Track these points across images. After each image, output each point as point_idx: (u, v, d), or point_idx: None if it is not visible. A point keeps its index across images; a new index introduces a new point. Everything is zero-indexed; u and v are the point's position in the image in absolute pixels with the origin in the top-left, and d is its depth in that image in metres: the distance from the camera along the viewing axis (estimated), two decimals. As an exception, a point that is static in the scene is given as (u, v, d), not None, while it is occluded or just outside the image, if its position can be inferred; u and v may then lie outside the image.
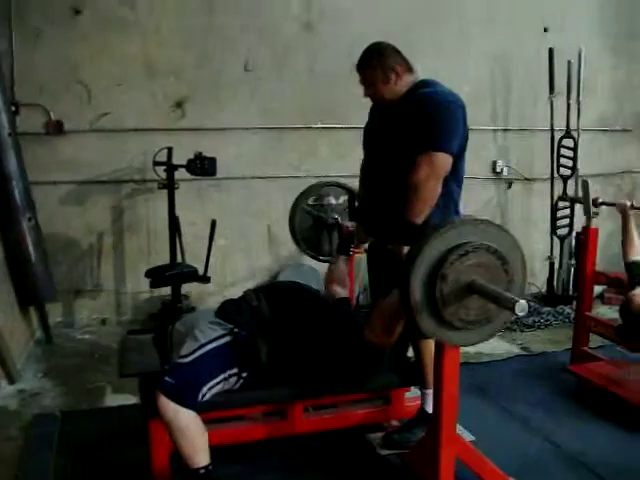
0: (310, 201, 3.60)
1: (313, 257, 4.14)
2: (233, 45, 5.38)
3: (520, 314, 2.22)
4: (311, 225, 3.59)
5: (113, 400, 3.98)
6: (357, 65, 3.17)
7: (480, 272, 2.36)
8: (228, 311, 2.86)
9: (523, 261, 2.54)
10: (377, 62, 3.08)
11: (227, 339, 2.74)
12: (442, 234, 2.34)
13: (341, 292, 3.34)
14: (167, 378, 2.61)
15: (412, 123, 2.94)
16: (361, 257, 3.60)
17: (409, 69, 3.12)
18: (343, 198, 3.62)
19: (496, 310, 2.40)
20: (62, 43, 5.04)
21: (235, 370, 2.74)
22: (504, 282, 2.41)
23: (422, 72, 5.58)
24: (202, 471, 2.59)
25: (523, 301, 2.20)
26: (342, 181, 4.41)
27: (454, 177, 3.06)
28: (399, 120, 3.04)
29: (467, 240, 2.35)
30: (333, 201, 3.60)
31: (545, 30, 6.11)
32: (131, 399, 3.89)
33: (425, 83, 3.10)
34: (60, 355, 4.78)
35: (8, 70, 4.89)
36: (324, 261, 3.75)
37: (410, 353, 3.35)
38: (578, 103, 5.82)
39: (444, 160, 2.90)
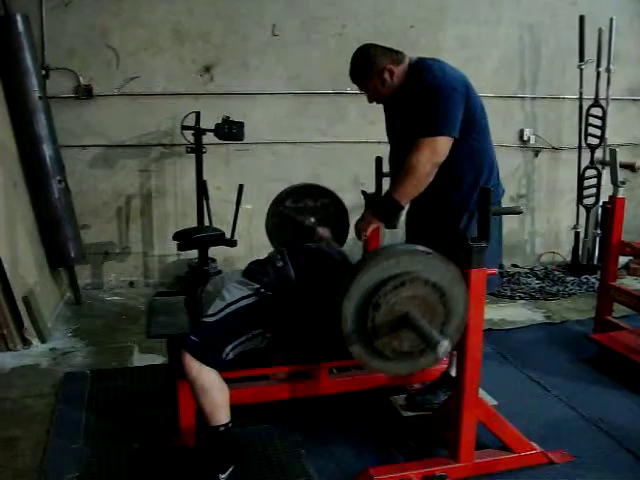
0: (288, 203, 3.55)
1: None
2: (261, 9, 5.37)
3: (441, 355, 2.21)
4: (287, 228, 3.52)
5: (141, 360, 4.05)
6: (351, 79, 3.17)
7: (417, 304, 2.32)
8: (254, 271, 2.89)
9: (466, 296, 2.45)
10: (369, 71, 3.06)
11: (253, 299, 2.78)
12: (379, 263, 2.31)
13: None
14: (192, 336, 2.66)
15: (415, 111, 2.96)
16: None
17: (398, 59, 3.06)
18: (321, 201, 3.58)
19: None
20: (91, 9, 5.07)
21: (260, 330, 2.77)
22: (441, 317, 2.38)
23: (453, 37, 5.63)
24: (222, 428, 2.64)
25: (446, 342, 2.17)
26: (370, 146, 4.41)
27: (475, 132, 3.07)
28: (405, 108, 3.07)
29: (405, 270, 2.31)
30: (310, 203, 3.56)
31: (576, -4, 6.04)
32: (158, 359, 3.98)
33: (419, 68, 3.05)
34: (89, 316, 4.87)
35: (38, 34, 4.94)
36: None
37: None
38: (608, 72, 5.73)
39: (444, 144, 2.91)
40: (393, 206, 2.99)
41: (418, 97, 2.97)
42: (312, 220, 3.51)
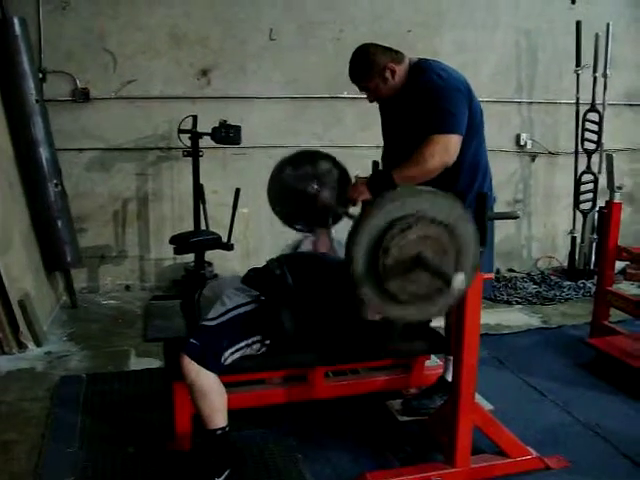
0: (289, 170, 3.51)
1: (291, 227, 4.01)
2: (258, 14, 5.38)
3: (457, 289, 2.17)
4: (290, 196, 3.48)
5: (137, 364, 4.05)
6: (351, 78, 3.15)
7: (427, 244, 2.27)
8: (253, 279, 2.89)
9: (475, 234, 2.38)
10: (371, 70, 3.04)
11: (252, 306, 2.78)
12: (384, 205, 2.26)
13: None
14: (192, 340, 2.66)
15: (420, 111, 2.96)
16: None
17: (398, 59, 3.06)
18: (321, 166, 3.53)
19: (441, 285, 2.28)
20: (89, 12, 5.07)
21: (258, 337, 2.78)
22: (453, 255, 2.32)
23: (450, 41, 5.64)
24: (219, 432, 2.65)
25: (460, 276, 2.15)
26: (366, 151, 4.41)
27: (472, 136, 3.06)
28: (407, 108, 3.06)
29: (410, 212, 2.26)
30: (309, 169, 3.51)
31: (573, 2, 6.03)
32: (154, 363, 3.97)
33: (421, 68, 3.06)
34: (85, 319, 4.86)
35: (35, 37, 4.94)
36: (300, 231, 3.67)
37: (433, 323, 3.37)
38: (605, 77, 5.76)
39: (456, 143, 2.91)
40: (388, 183, 2.93)
41: (422, 96, 2.97)
42: (315, 187, 3.47)
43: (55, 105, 5.05)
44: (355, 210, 3.23)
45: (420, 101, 2.97)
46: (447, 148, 2.89)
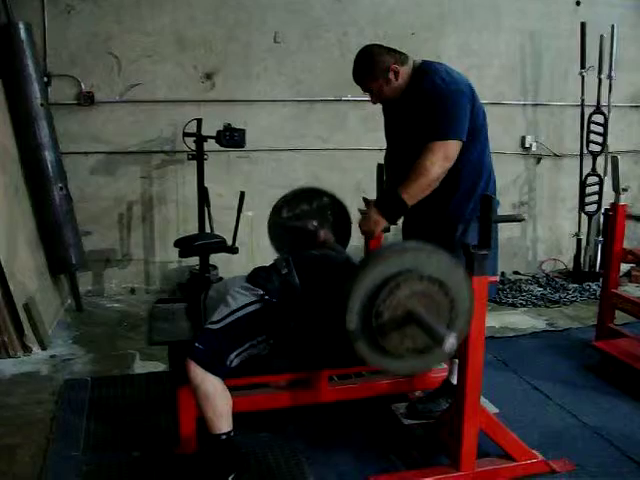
0: (284, 213, 3.53)
1: None
2: (263, 17, 5.38)
3: (447, 351, 2.18)
4: (289, 237, 3.49)
5: (142, 367, 4.05)
6: (355, 79, 3.14)
7: (418, 301, 2.29)
8: (259, 277, 2.88)
9: (467, 282, 2.41)
10: (374, 71, 3.04)
11: (257, 306, 2.76)
12: (371, 269, 2.31)
13: None
14: (197, 344, 2.66)
15: (423, 114, 2.95)
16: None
17: (402, 60, 3.05)
18: (316, 203, 3.55)
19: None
20: (94, 16, 5.08)
21: (263, 337, 2.76)
22: (447, 307, 2.34)
23: (454, 44, 5.63)
24: (224, 437, 2.63)
25: (452, 336, 2.16)
26: (370, 154, 4.41)
27: (475, 139, 3.06)
28: (410, 110, 3.05)
29: (397, 271, 2.28)
30: (307, 207, 3.52)
31: (577, 4, 6.03)
32: (159, 366, 3.97)
33: (424, 70, 3.05)
34: (90, 323, 4.86)
35: (40, 41, 4.95)
36: None
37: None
38: (610, 79, 5.75)
39: (455, 148, 2.91)
40: (400, 206, 2.95)
41: (425, 99, 2.96)
42: (313, 224, 3.48)
43: (60, 109, 5.06)
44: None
45: (422, 104, 2.97)
46: (446, 155, 2.88)
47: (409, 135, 3.06)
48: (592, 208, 5.96)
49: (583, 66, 5.80)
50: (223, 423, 2.64)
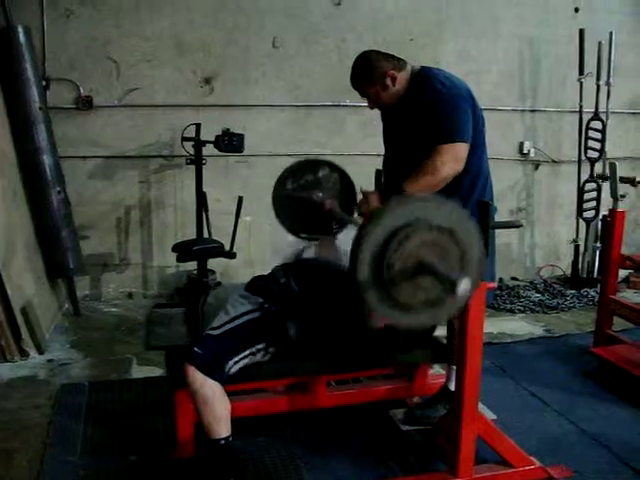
0: (289, 184, 3.52)
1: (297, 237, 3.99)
2: (262, 22, 5.39)
3: (461, 295, 2.16)
4: (295, 208, 3.48)
5: (139, 372, 4.05)
6: (352, 84, 3.15)
7: (430, 250, 2.26)
8: (258, 286, 2.89)
9: (478, 231, 2.38)
10: (370, 76, 3.05)
11: (257, 314, 2.78)
12: (381, 219, 2.27)
13: None
14: (196, 349, 2.66)
15: (423, 120, 2.95)
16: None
17: (400, 66, 3.06)
18: (321, 173, 3.54)
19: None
20: (92, 20, 5.08)
21: (263, 345, 2.77)
22: (457, 257, 2.31)
23: (453, 50, 5.65)
24: (222, 442, 2.63)
25: (465, 280, 2.13)
26: (369, 159, 4.40)
27: (477, 168, 3.07)
28: (409, 116, 3.05)
29: (407, 221, 2.25)
30: (311, 177, 3.51)
31: (576, 10, 6.05)
32: (157, 371, 3.96)
33: (423, 76, 3.05)
34: (87, 327, 4.85)
35: (39, 45, 4.95)
36: (304, 239, 3.67)
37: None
38: (608, 85, 5.76)
39: (464, 150, 2.91)
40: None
41: (425, 105, 2.96)
42: (319, 194, 3.47)
43: (58, 113, 5.06)
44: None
45: (423, 109, 2.97)
46: (456, 157, 2.89)
47: (408, 141, 3.06)
48: (590, 214, 5.96)
49: (581, 72, 5.81)
50: (222, 428, 2.63)
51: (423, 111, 2.96)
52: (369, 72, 3.05)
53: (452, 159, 2.87)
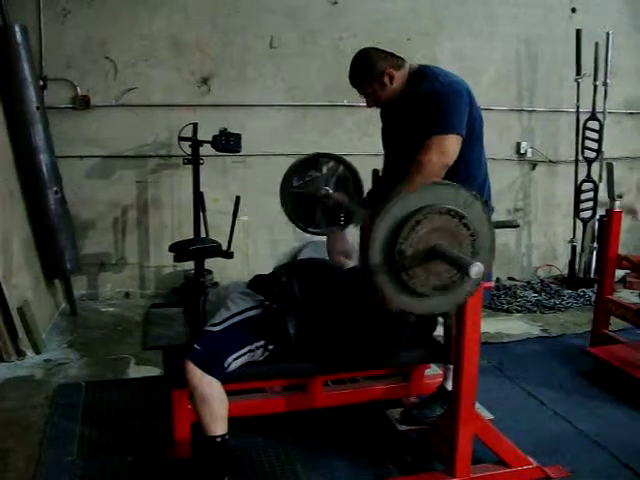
0: (294, 182, 3.53)
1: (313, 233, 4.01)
2: (259, 22, 5.38)
3: (474, 277, 2.16)
4: (304, 204, 3.50)
5: (136, 372, 4.04)
6: (351, 82, 3.15)
7: (442, 235, 2.30)
8: (260, 284, 2.90)
9: (487, 215, 2.41)
10: (369, 73, 3.04)
11: (257, 311, 2.79)
12: (390, 209, 2.29)
13: (347, 262, 3.35)
14: (196, 345, 2.66)
15: (419, 116, 2.93)
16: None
17: (398, 64, 3.06)
18: (326, 167, 3.55)
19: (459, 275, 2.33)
20: (90, 20, 5.08)
21: (262, 342, 2.77)
22: (469, 240, 2.33)
23: (450, 51, 5.64)
24: (218, 439, 2.63)
25: (478, 263, 2.14)
26: (365, 159, 4.40)
27: (475, 161, 3.07)
28: (408, 114, 3.04)
29: (417, 207, 2.29)
30: (317, 173, 3.52)
31: (573, 11, 6.05)
32: (154, 371, 3.96)
33: (422, 74, 3.05)
34: (84, 327, 4.85)
35: (36, 45, 4.94)
36: (313, 233, 3.69)
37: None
38: (605, 85, 5.77)
39: (454, 142, 2.87)
40: None
41: (423, 102, 2.95)
42: (325, 188, 3.47)
43: (56, 112, 5.05)
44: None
45: (420, 107, 2.96)
46: (443, 149, 2.83)
47: (407, 139, 3.05)
48: (587, 214, 5.97)
49: (578, 73, 5.82)
50: (218, 426, 2.63)
51: (420, 109, 2.95)
52: (367, 70, 3.05)
53: (438, 152, 2.82)
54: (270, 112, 5.53)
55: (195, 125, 4.93)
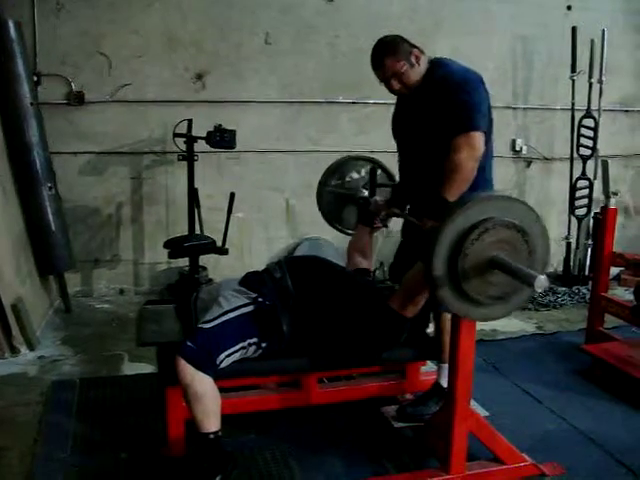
0: (333, 181, 3.55)
1: (341, 231, 4.05)
2: (254, 18, 5.37)
3: (538, 290, 2.22)
4: (338, 202, 3.54)
5: (130, 368, 4.03)
6: (375, 64, 3.13)
7: (503, 247, 2.36)
8: (252, 281, 2.89)
9: (545, 234, 2.49)
10: (396, 50, 3.06)
11: (250, 308, 2.77)
12: (463, 212, 2.34)
13: (362, 262, 3.36)
14: (188, 342, 2.65)
15: (440, 106, 2.96)
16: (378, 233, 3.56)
17: (421, 50, 3.11)
18: (364, 170, 3.57)
19: (518, 286, 2.39)
20: (84, 15, 5.05)
21: (255, 339, 2.76)
22: (525, 256, 2.40)
23: (447, 48, 5.59)
24: (211, 436, 2.62)
25: (542, 277, 2.18)
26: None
27: (487, 152, 3.07)
28: (426, 103, 3.05)
29: (488, 216, 2.35)
30: (356, 175, 3.54)
31: (568, 8, 6.06)
32: (148, 368, 3.95)
33: (439, 63, 3.11)
34: (79, 324, 4.83)
35: (30, 40, 4.92)
36: (340, 230, 3.73)
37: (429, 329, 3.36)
38: (600, 83, 5.77)
39: (480, 139, 2.93)
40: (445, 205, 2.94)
41: (442, 89, 2.98)
42: (364, 192, 3.49)
43: (50, 108, 5.03)
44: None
45: (440, 94, 2.98)
46: (472, 146, 2.91)
47: (425, 125, 3.06)
48: (582, 212, 5.98)
49: (574, 70, 5.83)
50: (211, 422, 2.63)
51: (439, 96, 2.98)
52: (395, 48, 3.06)
53: (469, 149, 2.90)
54: (265, 108, 5.51)
55: (190, 121, 4.91)
